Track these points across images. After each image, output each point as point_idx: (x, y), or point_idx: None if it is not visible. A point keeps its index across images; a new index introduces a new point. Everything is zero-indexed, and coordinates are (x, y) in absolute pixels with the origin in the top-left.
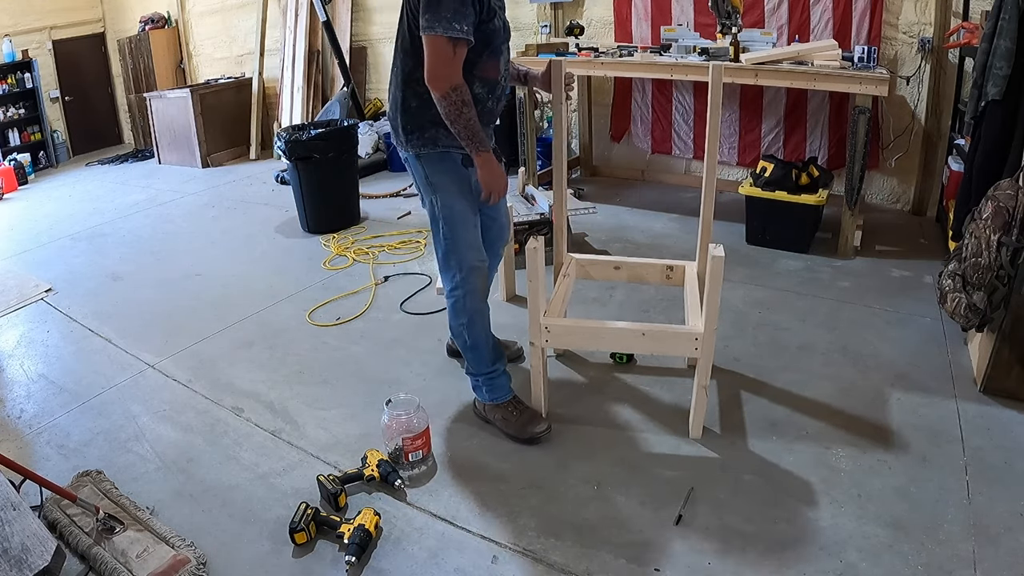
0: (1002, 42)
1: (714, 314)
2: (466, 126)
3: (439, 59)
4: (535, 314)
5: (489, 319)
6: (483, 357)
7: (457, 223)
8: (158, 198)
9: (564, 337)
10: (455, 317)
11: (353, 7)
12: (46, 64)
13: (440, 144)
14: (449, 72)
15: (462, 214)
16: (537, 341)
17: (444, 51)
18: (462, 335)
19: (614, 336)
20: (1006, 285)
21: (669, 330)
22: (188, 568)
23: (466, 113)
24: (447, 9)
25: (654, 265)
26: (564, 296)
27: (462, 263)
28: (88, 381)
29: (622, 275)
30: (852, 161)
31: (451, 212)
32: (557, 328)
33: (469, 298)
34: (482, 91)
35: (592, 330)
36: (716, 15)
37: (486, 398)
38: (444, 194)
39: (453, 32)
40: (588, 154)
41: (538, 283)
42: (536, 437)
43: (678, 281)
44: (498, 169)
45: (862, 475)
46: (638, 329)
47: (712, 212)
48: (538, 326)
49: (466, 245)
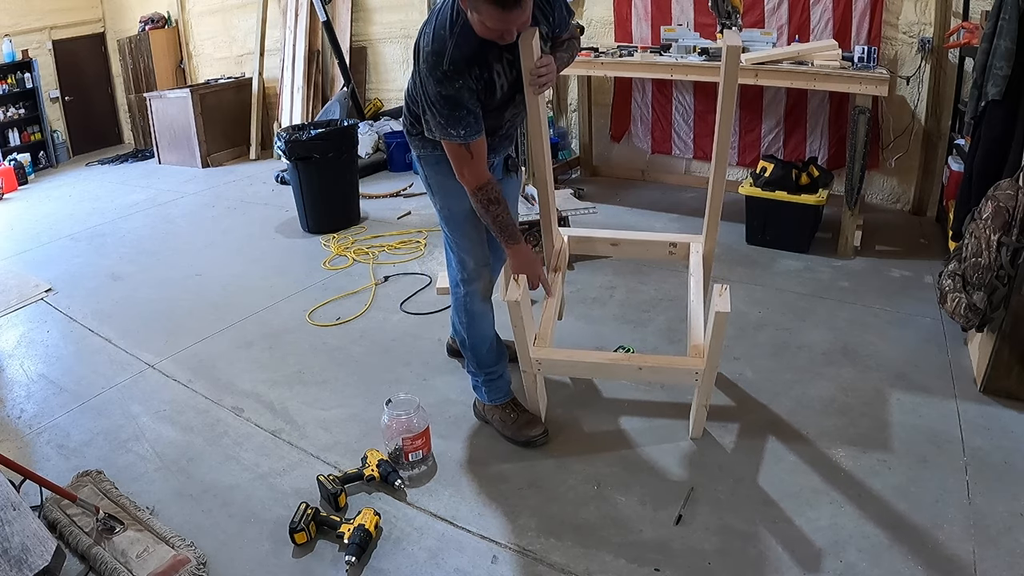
0: (1002, 42)
1: (716, 354)
2: (494, 221)
3: (457, 161)
4: (524, 348)
5: (492, 320)
6: (483, 358)
7: (459, 224)
8: (158, 198)
9: (556, 368)
10: (457, 315)
11: (353, 7)
12: (46, 64)
13: (439, 147)
14: (471, 172)
15: (463, 216)
16: (529, 371)
17: (457, 153)
18: (462, 334)
19: (610, 370)
20: (1006, 285)
21: (668, 364)
22: (188, 568)
23: (492, 210)
24: (439, 119)
25: (656, 242)
26: (553, 319)
27: (464, 264)
28: (88, 381)
29: (621, 252)
30: (852, 161)
31: (452, 214)
32: (549, 361)
33: (471, 299)
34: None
35: (586, 365)
36: (716, 15)
37: (485, 398)
38: (444, 196)
39: (453, 139)
40: (588, 154)
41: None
42: (532, 441)
43: (682, 256)
44: (529, 256)
45: (862, 475)
46: (635, 363)
47: (723, 191)
48: (528, 359)
49: (468, 246)
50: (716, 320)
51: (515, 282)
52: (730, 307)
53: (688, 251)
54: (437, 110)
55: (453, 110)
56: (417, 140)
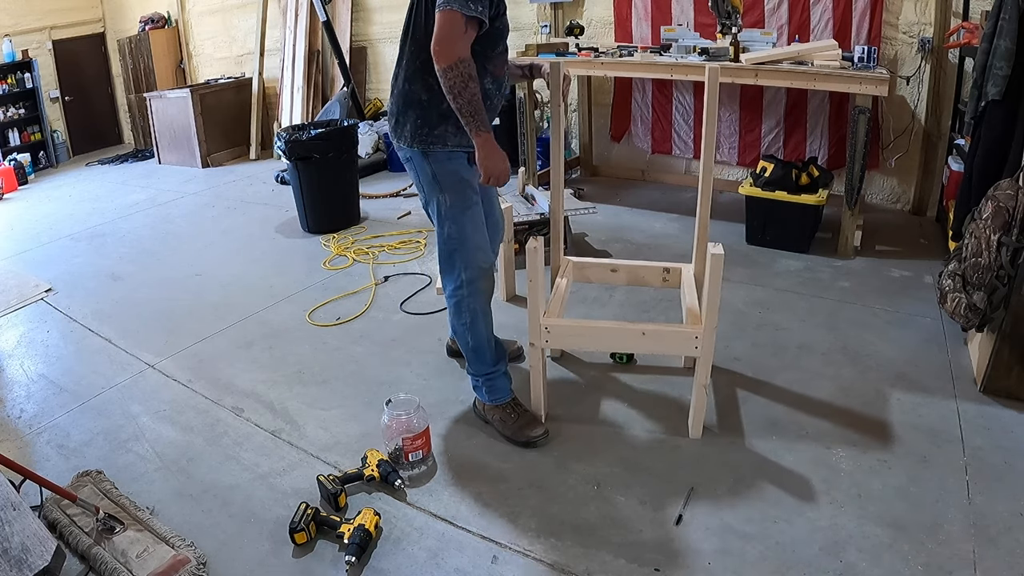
0: (1002, 42)
1: (714, 312)
2: (469, 101)
3: (451, 32)
4: (535, 314)
5: (492, 320)
6: (484, 358)
7: (466, 223)
8: (158, 198)
9: (564, 338)
10: (457, 317)
11: (353, 7)
12: (46, 64)
13: (449, 143)
14: (458, 45)
15: (471, 214)
16: (537, 342)
17: (457, 26)
18: (464, 336)
19: (614, 336)
20: (1006, 285)
21: (669, 329)
22: (188, 568)
23: (471, 87)
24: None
25: (651, 268)
26: (563, 296)
27: (468, 264)
28: (88, 381)
29: (619, 278)
30: (852, 161)
31: (459, 212)
32: (557, 328)
33: (473, 299)
34: (492, 87)
35: (592, 330)
36: (716, 15)
37: (486, 398)
38: (452, 193)
39: (469, 10)
40: (588, 154)
41: (538, 283)
42: (532, 441)
43: (675, 283)
44: (499, 152)
45: (862, 475)
46: (638, 329)
47: (708, 214)
48: (538, 326)
49: (474, 246)
50: (712, 263)
51: (534, 239)
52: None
53: (680, 278)
54: None
55: None
56: (425, 134)
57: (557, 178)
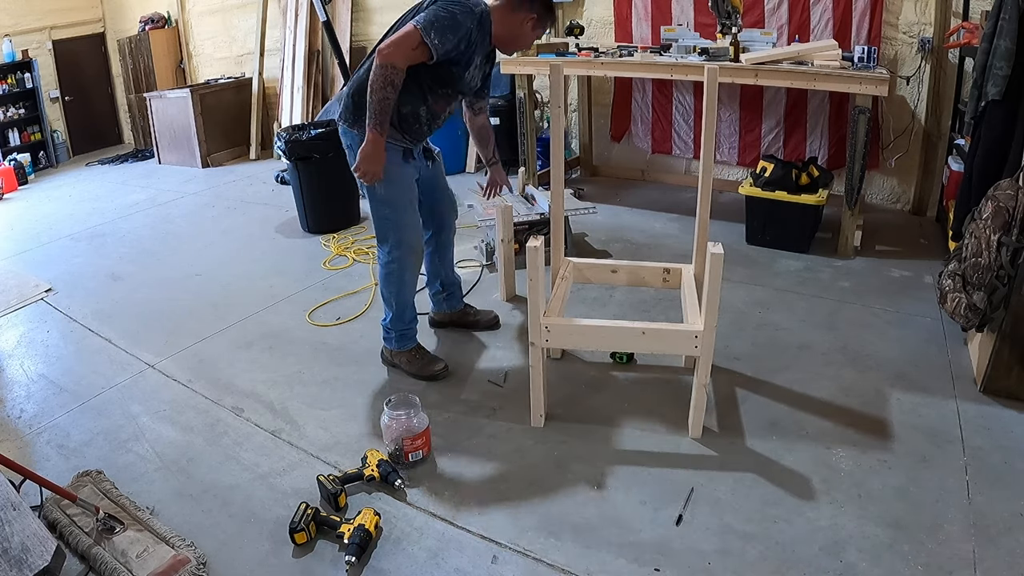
0: (1002, 42)
1: (714, 311)
2: (380, 101)
3: (403, 42)
4: (535, 314)
5: (416, 287)
6: (403, 316)
7: (401, 207)
8: (158, 198)
9: (564, 337)
10: (387, 286)
11: (353, 7)
12: (46, 64)
13: (392, 138)
14: (400, 54)
15: (405, 198)
16: (537, 341)
17: (411, 40)
18: (390, 300)
19: (614, 335)
20: (1006, 285)
21: (669, 329)
22: (188, 568)
23: (388, 92)
24: (439, 23)
25: (651, 268)
26: (563, 296)
27: (401, 242)
28: (88, 381)
29: (619, 278)
30: (852, 161)
31: (394, 197)
32: (557, 328)
33: (403, 272)
34: (424, 116)
35: (592, 329)
36: (716, 15)
37: (395, 346)
38: (388, 180)
39: (428, 37)
40: (588, 154)
41: (538, 283)
42: (436, 374)
43: (675, 284)
44: (381, 155)
45: (862, 475)
46: (638, 328)
47: (708, 214)
48: (538, 326)
49: (409, 227)
50: (712, 262)
51: (534, 238)
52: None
53: (680, 278)
54: (442, 17)
55: (453, 32)
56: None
57: (557, 178)
